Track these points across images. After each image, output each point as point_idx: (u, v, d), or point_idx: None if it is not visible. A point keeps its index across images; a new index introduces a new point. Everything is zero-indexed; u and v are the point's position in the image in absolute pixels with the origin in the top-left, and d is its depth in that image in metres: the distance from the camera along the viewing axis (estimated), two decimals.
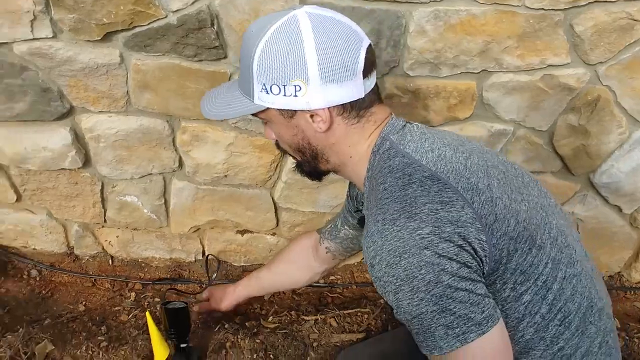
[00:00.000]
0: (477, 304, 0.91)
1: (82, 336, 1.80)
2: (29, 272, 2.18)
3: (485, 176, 1.00)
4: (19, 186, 2.00)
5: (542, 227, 1.02)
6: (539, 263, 0.98)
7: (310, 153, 1.12)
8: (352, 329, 1.89)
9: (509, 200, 0.99)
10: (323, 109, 1.02)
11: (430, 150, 1.02)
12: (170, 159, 1.91)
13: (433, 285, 0.90)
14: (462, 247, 0.92)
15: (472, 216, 0.93)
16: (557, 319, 1.00)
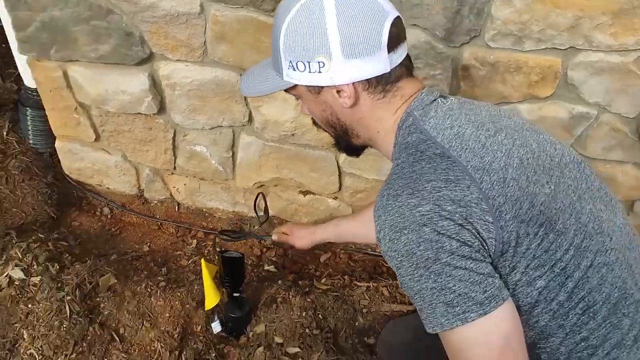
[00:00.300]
0: (478, 283, 0.88)
1: (143, 274, 1.89)
2: (101, 210, 2.29)
3: (505, 156, 0.96)
4: (98, 126, 2.10)
5: (567, 212, 0.96)
6: (557, 249, 0.93)
7: (340, 128, 1.12)
8: (404, 301, 1.87)
9: (528, 182, 0.94)
10: (347, 85, 1.02)
11: (449, 127, 0.99)
12: (241, 113, 1.94)
13: (432, 262, 0.89)
14: (462, 226, 0.89)
15: (477, 196, 0.91)
16: (579, 307, 0.95)
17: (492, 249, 0.92)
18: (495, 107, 1.11)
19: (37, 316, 1.66)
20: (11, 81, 2.50)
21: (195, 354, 1.67)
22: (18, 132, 2.27)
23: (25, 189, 2.11)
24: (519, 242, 0.92)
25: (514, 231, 0.91)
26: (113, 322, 1.69)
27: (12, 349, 1.65)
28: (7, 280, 1.73)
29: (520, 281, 0.94)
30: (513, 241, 0.92)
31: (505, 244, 0.92)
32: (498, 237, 0.91)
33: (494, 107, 1.10)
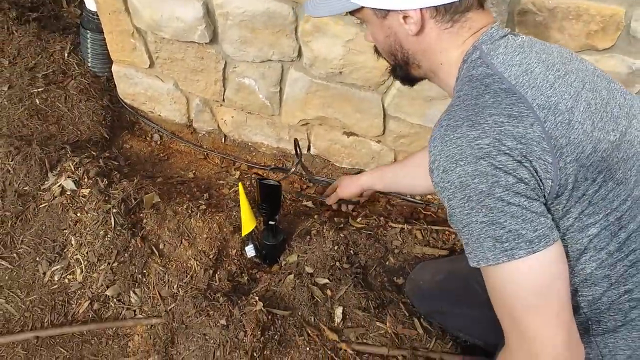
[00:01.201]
0: (529, 221, 0.88)
1: (185, 197, 1.96)
2: (152, 135, 2.38)
3: (573, 98, 0.93)
4: (152, 53, 2.15)
5: (629, 162, 0.94)
6: (615, 198, 0.92)
7: (402, 57, 1.10)
8: (436, 245, 1.88)
9: (593, 127, 0.92)
10: (415, 10, 0.99)
11: (518, 64, 0.96)
12: (290, 47, 1.95)
13: (485, 195, 0.88)
14: (521, 163, 0.88)
15: (540, 135, 0.89)
16: (629, 259, 0.94)
17: (548, 190, 0.91)
18: (567, 50, 1.07)
19: (84, 224, 1.76)
20: (75, 5, 2.59)
21: (229, 275, 1.74)
22: (78, 55, 2.36)
23: (82, 109, 2.21)
24: (576, 185, 0.91)
25: (573, 174, 0.90)
26: (154, 238, 1.78)
27: (61, 253, 1.77)
28: (59, 189, 1.83)
29: (573, 226, 0.94)
30: (570, 184, 0.91)
31: (562, 186, 0.91)
32: (555, 178, 0.90)
33: (566, 50, 1.07)
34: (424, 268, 1.71)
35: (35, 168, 1.88)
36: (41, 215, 1.81)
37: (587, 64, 1.04)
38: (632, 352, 0.98)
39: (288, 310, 1.65)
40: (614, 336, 0.99)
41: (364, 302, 1.69)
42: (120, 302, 1.69)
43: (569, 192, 0.91)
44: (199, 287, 1.68)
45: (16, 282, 1.73)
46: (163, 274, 1.71)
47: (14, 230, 1.80)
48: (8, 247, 1.78)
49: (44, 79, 2.23)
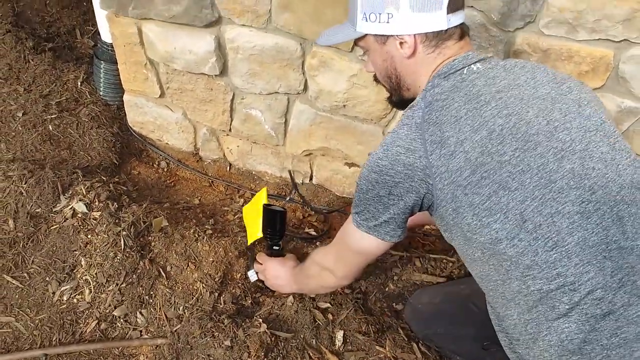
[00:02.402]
0: (374, 219, 1.25)
1: (192, 222, 2.02)
2: (159, 163, 2.45)
3: (472, 130, 1.13)
4: (164, 83, 2.25)
5: (530, 172, 1.09)
6: (509, 201, 1.09)
7: (395, 79, 1.31)
8: (435, 272, 1.95)
9: (481, 152, 1.11)
10: (410, 35, 1.21)
11: (442, 100, 1.18)
12: (297, 80, 2.04)
13: (364, 192, 1.25)
14: (398, 183, 1.18)
15: (425, 164, 1.15)
16: (548, 245, 1.08)
17: (428, 203, 1.19)
18: (530, 74, 1.22)
19: (94, 246, 1.82)
20: (89, 37, 2.69)
21: (233, 298, 1.79)
22: (91, 84, 2.45)
23: (93, 136, 2.28)
24: (457, 199, 1.13)
25: (450, 192, 1.13)
26: (161, 260, 1.84)
27: (70, 273, 1.82)
28: (71, 212, 1.90)
29: (473, 223, 1.13)
30: (450, 199, 1.14)
31: (443, 200, 1.15)
32: (436, 195, 1.16)
33: (528, 75, 1.21)
34: (423, 293, 1.77)
35: (48, 191, 1.94)
36: (52, 236, 1.87)
37: (539, 89, 1.18)
38: (585, 336, 1.09)
39: (291, 333, 1.70)
40: (566, 320, 1.10)
41: (364, 326, 1.74)
42: (127, 322, 1.74)
43: (453, 204, 1.15)
44: (204, 309, 1.73)
45: (26, 300, 1.77)
46: (169, 295, 1.76)
47: (25, 251, 1.86)
48: (19, 267, 1.83)
49: (57, 106, 2.31)
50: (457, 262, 1.98)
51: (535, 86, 1.19)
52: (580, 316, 1.09)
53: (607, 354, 1.08)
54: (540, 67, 1.26)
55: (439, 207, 1.18)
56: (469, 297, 1.60)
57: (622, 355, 1.08)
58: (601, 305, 1.07)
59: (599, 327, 1.08)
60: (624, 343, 1.07)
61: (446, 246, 2.15)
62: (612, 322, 1.07)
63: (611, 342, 1.08)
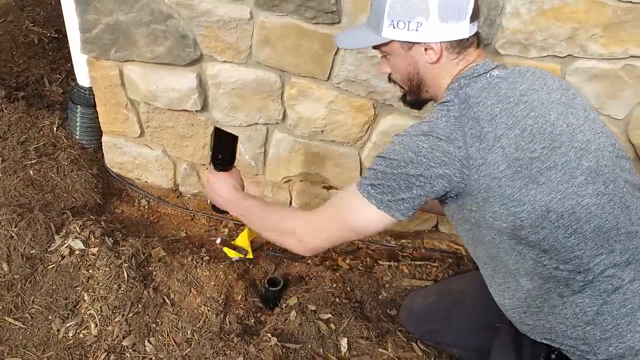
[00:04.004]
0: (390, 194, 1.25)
1: (187, 251, 2.09)
2: (139, 201, 2.50)
3: (507, 127, 1.22)
4: (144, 122, 2.33)
5: (555, 168, 1.22)
6: (537, 193, 1.21)
7: (417, 81, 1.39)
8: (422, 277, 2.09)
9: (515, 149, 1.21)
10: (437, 43, 1.29)
11: (476, 97, 1.26)
12: (277, 111, 2.18)
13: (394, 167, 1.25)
14: (432, 168, 1.22)
15: (464, 155, 1.21)
16: (567, 232, 1.21)
17: (461, 189, 1.23)
18: (542, 80, 1.35)
19: (97, 280, 1.85)
20: (57, 85, 2.74)
21: (237, 319, 1.86)
22: (66, 129, 2.49)
23: (74, 178, 2.32)
24: (489, 189, 1.21)
25: (485, 183, 1.21)
26: (164, 288, 1.89)
27: (74, 309, 1.84)
28: (68, 250, 1.92)
29: (500, 211, 1.23)
30: (483, 189, 1.21)
31: (475, 189, 1.22)
32: (468, 183, 1.21)
33: (540, 80, 1.34)
34: (416, 295, 1.91)
35: (42, 232, 1.96)
36: (50, 275, 1.88)
37: (554, 94, 1.33)
38: (598, 308, 1.25)
39: (299, 344, 1.78)
40: (581, 296, 1.25)
41: (366, 332, 1.86)
42: (136, 351, 1.76)
43: (484, 194, 1.22)
44: (212, 331, 1.79)
45: (31, 340, 1.77)
46: (176, 321, 1.81)
47: (24, 292, 1.86)
48: (20, 308, 1.83)
49: (35, 151, 2.34)
50: (440, 267, 2.14)
51: (549, 91, 1.32)
52: (594, 292, 1.25)
53: (617, 323, 1.25)
54: (545, 73, 1.39)
55: (467, 196, 1.24)
56: (461, 292, 1.75)
57: (629, 323, 1.25)
58: (612, 282, 1.24)
59: (610, 300, 1.24)
60: (630, 312, 1.24)
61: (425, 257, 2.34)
62: (620, 295, 1.24)
63: (620, 313, 1.24)
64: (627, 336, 1.25)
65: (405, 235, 2.40)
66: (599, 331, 1.26)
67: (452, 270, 2.12)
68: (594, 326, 1.26)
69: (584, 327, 1.27)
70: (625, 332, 1.25)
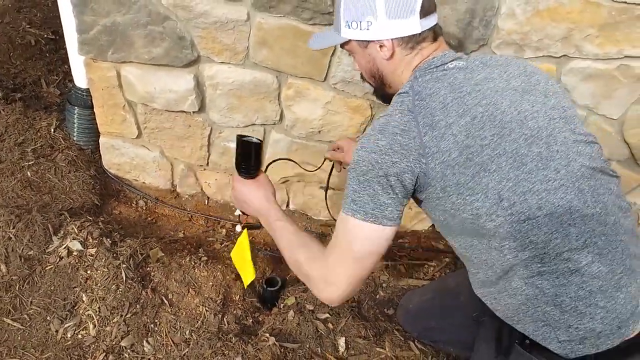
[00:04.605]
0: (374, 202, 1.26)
1: (184, 252, 2.09)
2: (137, 202, 2.50)
3: (458, 115, 1.27)
4: (141, 123, 2.33)
5: (506, 155, 1.25)
6: (488, 182, 1.24)
7: (379, 77, 1.47)
8: (419, 277, 2.10)
9: (466, 136, 1.25)
10: (388, 40, 1.36)
11: (429, 88, 1.31)
12: (274, 111, 2.19)
13: (362, 174, 1.27)
14: (395, 163, 1.25)
15: (418, 145, 1.25)
16: (521, 219, 1.24)
17: (422, 180, 1.27)
18: (503, 68, 1.38)
19: (95, 281, 1.85)
20: (54, 86, 2.74)
21: (235, 319, 1.87)
22: (64, 130, 2.49)
23: (72, 179, 2.32)
24: (445, 178, 1.25)
25: (441, 171, 1.24)
26: (162, 289, 1.89)
27: (72, 310, 1.84)
28: (65, 251, 1.93)
29: (457, 201, 1.26)
30: (439, 177, 1.25)
31: (433, 178, 1.26)
32: (427, 172, 1.25)
33: (501, 69, 1.38)
34: (412, 294, 1.92)
35: (40, 233, 1.97)
36: (49, 276, 1.89)
37: (510, 81, 1.35)
38: (556, 290, 1.27)
39: (297, 344, 1.79)
40: (539, 279, 1.28)
41: (363, 331, 1.87)
42: (135, 352, 1.77)
43: (442, 182, 1.25)
44: (210, 331, 1.79)
45: (29, 341, 1.78)
46: (174, 321, 1.81)
47: (22, 293, 1.86)
48: (18, 309, 1.83)
49: (33, 153, 2.34)
50: (437, 267, 2.15)
51: (508, 79, 1.36)
52: (551, 275, 1.27)
53: (575, 305, 1.27)
54: (514, 60, 1.43)
55: (428, 187, 1.28)
56: (456, 288, 1.76)
57: (588, 305, 1.26)
58: (568, 265, 1.26)
59: (567, 283, 1.26)
60: (589, 295, 1.26)
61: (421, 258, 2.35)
62: (578, 277, 1.26)
63: (578, 295, 1.26)
64: (587, 318, 1.27)
65: (402, 235, 2.41)
66: (558, 312, 1.28)
67: (449, 270, 2.13)
68: (553, 307, 1.28)
69: (543, 307, 1.29)
70: (584, 315, 1.27)
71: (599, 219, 1.28)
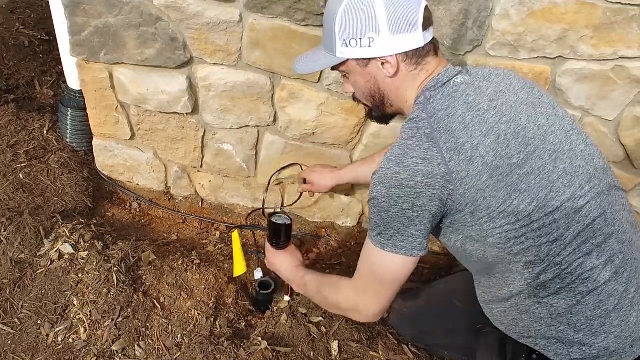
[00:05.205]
0: (401, 235, 1.25)
1: (177, 255, 2.08)
2: (130, 204, 2.49)
3: (483, 134, 1.21)
4: (134, 125, 2.32)
5: (534, 174, 1.21)
6: (520, 203, 1.20)
7: (379, 97, 1.38)
8: (413, 279, 2.08)
9: (495, 157, 1.20)
10: (392, 56, 1.27)
11: (445, 109, 1.25)
12: (267, 113, 2.17)
13: (385, 210, 1.25)
14: (421, 194, 1.20)
15: (445, 171, 1.19)
16: (549, 239, 1.21)
17: (450, 207, 1.22)
18: (507, 82, 1.33)
19: (86, 284, 1.84)
20: (48, 87, 2.73)
21: (228, 322, 1.86)
22: (57, 131, 2.48)
23: (65, 181, 2.30)
24: (477, 202, 1.20)
25: (472, 196, 1.19)
26: (154, 292, 1.88)
27: (63, 314, 1.82)
28: (57, 254, 1.91)
29: (486, 225, 1.22)
30: (471, 203, 1.20)
31: (463, 204, 1.21)
32: (456, 199, 1.20)
33: (505, 82, 1.33)
34: (406, 297, 1.90)
35: (31, 236, 1.95)
36: (40, 280, 1.87)
37: (520, 95, 1.31)
38: (571, 309, 1.25)
39: (289, 347, 1.78)
40: (556, 297, 1.25)
41: (356, 335, 1.85)
42: (126, 356, 1.75)
43: (472, 207, 1.20)
44: (202, 334, 1.78)
45: (19, 346, 1.76)
46: (166, 325, 1.80)
47: (13, 297, 1.85)
48: (8, 313, 1.82)
49: (26, 155, 2.32)
50: (432, 268, 2.13)
51: (515, 92, 1.31)
52: (569, 294, 1.24)
53: (591, 324, 1.25)
54: (509, 73, 1.38)
55: (456, 213, 1.22)
56: (450, 293, 1.75)
57: (603, 324, 1.24)
58: (587, 284, 1.23)
59: (584, 302, 1.24)
60: (605, 314, 1.24)
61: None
62: (595, 296, 1.23)
63: (594, 314, 1.24)
64: (601, 337, 1.25)
65: None
66: (572, 331, 1.26)
67: (444, 272, 2.12)
68: (567, 326, 1.26)
69: (557, 326, 1.27)
70: (599, 333, 1.25)
71: (617, 237, 1.25)
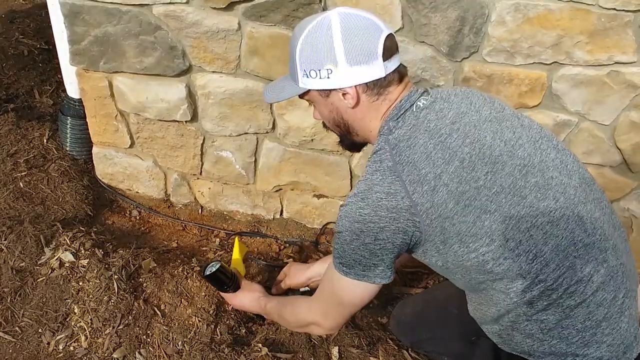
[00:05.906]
0: (363, 265, 1.27)
1: (177, 262, 2.09)
2: (130, 212, 2.50)
3: (445, 162, 1.19)
4: (134, 133, 2.33)
5: (504, 192, 1.19)
6: (491, 224, 1.18)
7: (344, 127, 1.37)
8: (413, 285, 2.10)
9: (459, 182, 1.18)
10: (351, 87, 1.25)
11: (406, 139, 1.23)
12: (266, 120, 2.19)
13: (347, 243, 1.26)
14: (383, 228, 1.21)
15: (408, 204, 1.19)
16: (529, 258, 1.19)
17: (416, 239, 1.22)
18: (467, 101, 1.31)
19: (87, 292, 1.85)
20: (47, 96, 2.74)
21: (228, 329, 1.86)
22: (56, 140, 2.49)
23: (65, 190, 2.32)
24: (445, 231, 1.19)
25: (439, 225, 1.19)
26: (155, 299, 1.88)
27: (64, 322, 1.83)
28: (57, 262, 1.92)
29: (460, 251, 1.21)
30: (439, 232, 1.19)
31: (431, 234, 1.20)
32: (424, 230, 1.20)
33: (465, 102, 1.31)
34: (404, 304, 1.91)
35: (31, 244, 1.96)
36: (40, 288, 1.88)
37: (483, 112, 1.29)
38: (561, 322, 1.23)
39: (290, 354, 1.78)
40: (545, 313, 1.24)
41: (357, 340, 1.86)
42: None
43: (441, 236, 1.20)
44: (203, 341, 1.78)
45: (21, 354, 1.77)
46: (167, 332, 1.80)
47: (14, 305, 1.85)
48: (9, 322, 1.82)
49: (25, 163, 2.34)
50: (430, 274, 2.14)
51: (477, 110, 1.29)
52: (557, 308, 1.23)
53: (582, 336, 1.24)
54: (468, 91, 1.36)
55: (426, 242, 1.22)
56: (446, 300, 1.75)
57: (594, 334, 1.24)
58: (574, 297, 1.22)
59: (573, 315, 1.23)
60: (595, 325, 1.23)
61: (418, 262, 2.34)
62: (584, 308, 1.22)
63: (584, 326, 1.23)
64: (593, 347, 1.24)
65: None
66: (564, 344, 1.25)
67: (442, 278, 2.12)
68: (558, 340, 1.25)
69: (549, 341, 1.26)
70: (591, 344, 1.24)
71: (600, 246, 1.24)
